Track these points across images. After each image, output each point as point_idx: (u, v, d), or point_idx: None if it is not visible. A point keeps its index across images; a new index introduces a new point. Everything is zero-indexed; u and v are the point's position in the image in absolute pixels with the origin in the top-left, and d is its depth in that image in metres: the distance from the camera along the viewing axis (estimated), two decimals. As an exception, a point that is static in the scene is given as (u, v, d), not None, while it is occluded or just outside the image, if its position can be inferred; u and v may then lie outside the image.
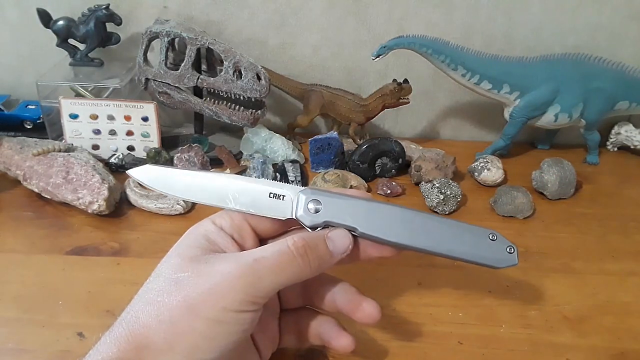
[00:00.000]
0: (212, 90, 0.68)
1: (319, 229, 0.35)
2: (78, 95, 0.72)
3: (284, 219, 0.35)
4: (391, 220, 0.34)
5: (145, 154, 0.68)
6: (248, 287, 0.30)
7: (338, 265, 0.35)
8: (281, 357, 0.41)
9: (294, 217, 0.35)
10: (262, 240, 0.37)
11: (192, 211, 0.60)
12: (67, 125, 0.68)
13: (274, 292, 0.32)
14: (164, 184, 0.37)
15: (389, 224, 0.34)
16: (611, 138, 0.79)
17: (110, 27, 0.74)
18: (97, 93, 0.74)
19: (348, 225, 0.34)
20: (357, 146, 0.69)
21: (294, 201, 0.35)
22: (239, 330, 0.31)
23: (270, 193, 0.35)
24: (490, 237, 0.34)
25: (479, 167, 0.67)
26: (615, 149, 0.80)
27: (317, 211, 0.34)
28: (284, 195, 0.35)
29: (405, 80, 0.72)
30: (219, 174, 0.37)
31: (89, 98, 0.71)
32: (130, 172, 0.38)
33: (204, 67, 0.71)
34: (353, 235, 0.35)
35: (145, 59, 0.70)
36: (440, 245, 0.34)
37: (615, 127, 0.79)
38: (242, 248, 0.35)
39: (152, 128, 0.68)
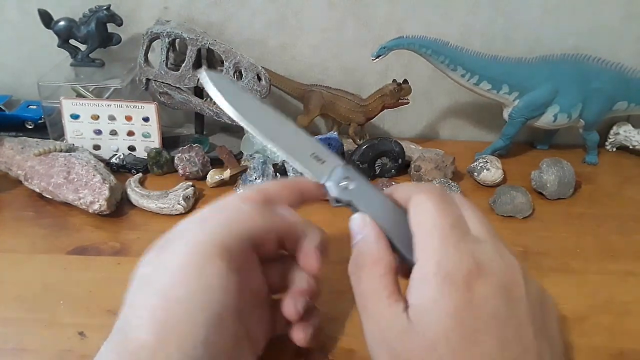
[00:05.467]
0: (212, 90, 0.68)
1: (339, 205, 0.35)
2: (79, 95, 0.72)
3: (314, 181, 0.35)
4: (408, 231, 0.32)
5: (146, 154, 0.68)
6: (214, 237, 0.31)
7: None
8: (281, 357, 0.41)
9: (324, 183, 0.35)
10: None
11: (192, 211, 0.60)
12: (68, 125, 0.68)
13: (244, 240, 0.32)
14: (230, 96, 0.36)
15: (405, 234, 0.32)
16: (610, 138, 0.79)
17: (111, 27, 0.75)
18: (98, 93, 0.74)
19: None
20: (357, 146, 0.69)
21: (329, 170, 0.35)
22: (220, 293, 0.30)
23: (313, 153, 0.35)
24: None
25: (478, 167, 0.68)
26: (614, 149, 0.80)
27: (346, 188, 0.34)
28: (324, 161, 0.35)
29: (405, 81, 0.72)
30: (275, 112, 0.36)
31: (90, 98, 0.71)
32: (203, 74, 0.37)
33: (204, 67, 0.72)
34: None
35: (146, 60, 0.70)
36: None
37: (614, 127, 0.79)
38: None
39: (153, 128, 0.68)
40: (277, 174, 0.66)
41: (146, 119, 0.68)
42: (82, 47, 0.76)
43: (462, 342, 0.27)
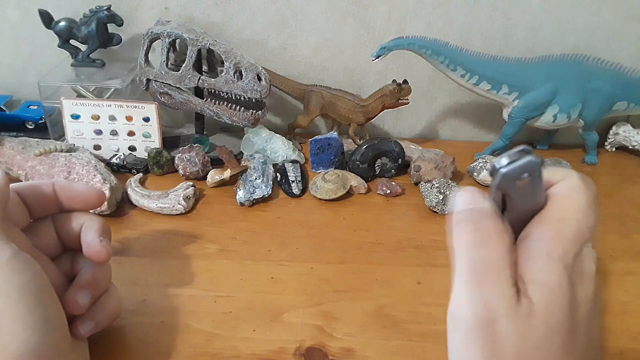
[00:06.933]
0: (213, 90, 0.68)
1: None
2: (80, 95, 0.72)
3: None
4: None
5: (146, 154, 0.68)
6: None
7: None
8: (281, 356, 0.41)
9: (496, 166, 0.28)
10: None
11: (192, 211, 0.60)
12: (69, 125, 0.68)
13: None
14: None
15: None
16: (609, 138, 0.80)
17: (111, 28, 0.75)
18: (99, 94, 0.74)
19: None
20: (357, 146, 0.70)
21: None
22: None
23: None
24: None
25: (478, 167, 0.68)
26: (614, 149, 0.80)
27: (512, 162, 0.27)
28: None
29: (405, 81, 0.72)
30: None
31: (90, 99, 0.71)
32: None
33: (204, 67, 0.72)
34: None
35: (147, 60, 0.70)
36: None
37: (614, 128, 0.79)
38: None
39: (154, 128, 0.68)
40: (277, 173, 0.67)
41: (147, 119, 0.68)
42: (83, 47, 0.76)
43: (570, 337, 0.27)
